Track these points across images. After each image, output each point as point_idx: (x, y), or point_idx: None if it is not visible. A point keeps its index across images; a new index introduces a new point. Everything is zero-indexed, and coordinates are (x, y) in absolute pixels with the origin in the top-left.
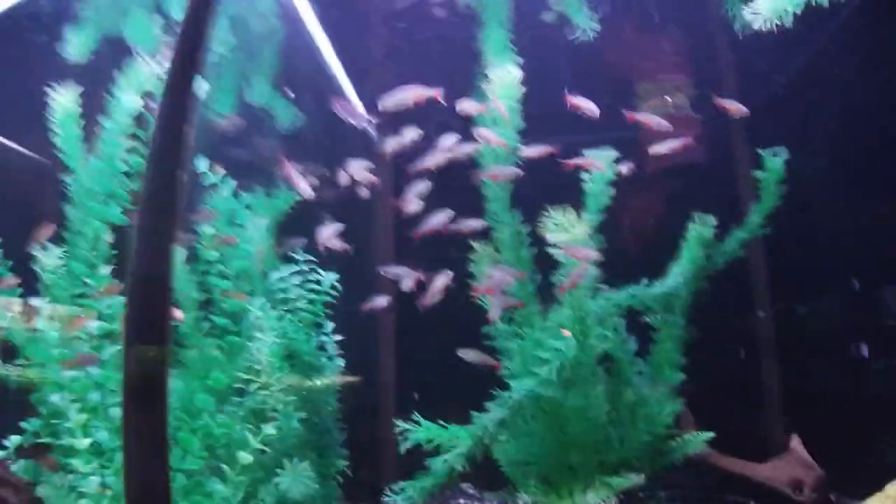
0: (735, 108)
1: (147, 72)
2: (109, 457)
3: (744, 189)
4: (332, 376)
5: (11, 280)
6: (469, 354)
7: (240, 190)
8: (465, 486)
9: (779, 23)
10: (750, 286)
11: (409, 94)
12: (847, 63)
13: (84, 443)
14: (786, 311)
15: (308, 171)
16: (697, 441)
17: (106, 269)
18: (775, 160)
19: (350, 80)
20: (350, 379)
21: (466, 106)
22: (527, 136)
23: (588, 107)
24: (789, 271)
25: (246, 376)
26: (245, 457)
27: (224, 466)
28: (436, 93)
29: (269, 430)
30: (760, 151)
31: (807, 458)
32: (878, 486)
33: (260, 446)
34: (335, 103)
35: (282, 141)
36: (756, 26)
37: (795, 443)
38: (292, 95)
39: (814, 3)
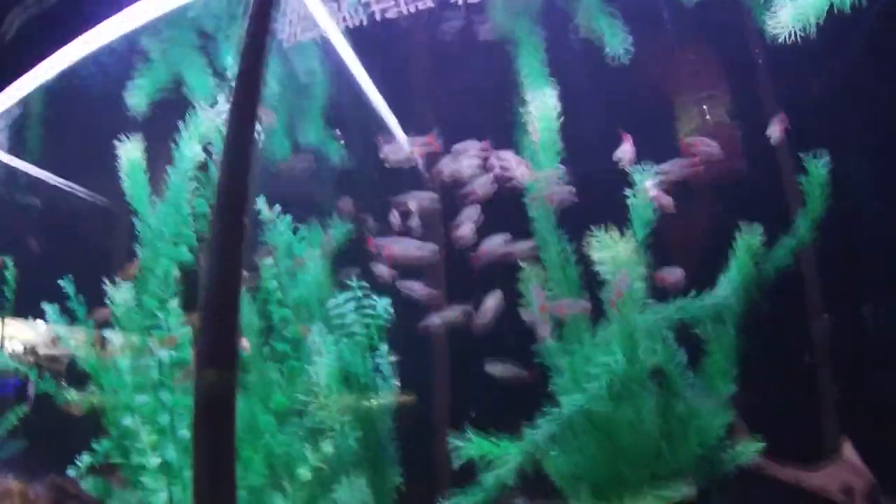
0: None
1: (206, 120)
2: (177, 474)
3: (790, 196)
4: (388, 395)
5: (104, 311)
6: (497, 368)
7: (297, 223)
8: (518, 500)
9: (803, 33)
10: (804, 291)
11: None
12: (887, 65)
13: (154, 461)
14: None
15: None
16: (749, 451)
17: (174, 303)
18: (818, 165)
19: (396, 116)
20: (404, 398)
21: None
22: (568, 159)
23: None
24: (845, 276)
25: (305, 398)
26: (304, 473)
27: (284, 482)
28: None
29: (327, 447)
30: (803, 156)
31: (859, 464)
32: None
33: (318, 463)
34: (381, 144)
35: (337, 178)
36: (780, 37)
37: (847, 448)
38: (339, 135)
39: (835, 10)
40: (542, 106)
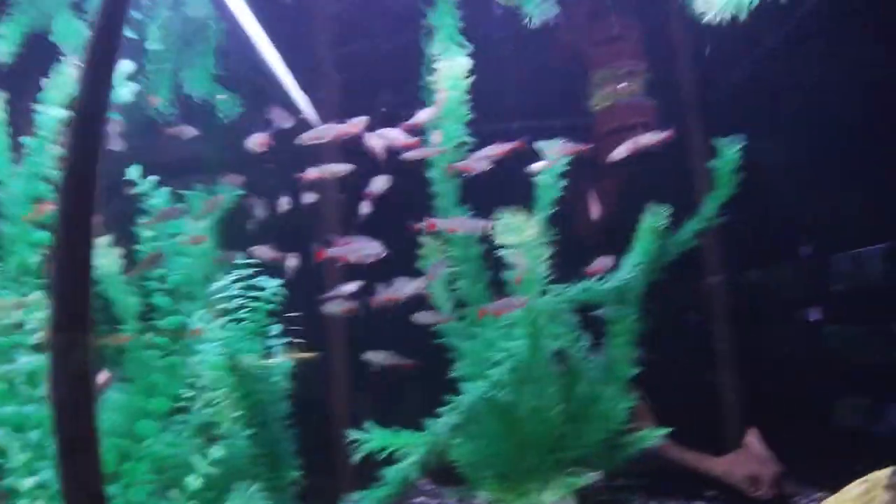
0: None
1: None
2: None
3: (698, 178)
4: (282, 387)
5: None
6: (378, 356)
7: (178, 190)
8: (424, 481)
9: (733, 16)
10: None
11: (330, 132)
12: (807, 53)
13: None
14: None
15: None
16: (653, 435)
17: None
18: (731, 150)
19: (296, 76)
20: (300, 389)
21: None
22: (476, 125)
23: None
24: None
25: (189, 393)
26: (194, 481)
27: (173, 492)
28: (357, 127)
29: (218, 451)
30: (716, 141)
31: (764, 453)
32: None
33: (208, 469)
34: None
35: (224, 136)
36: (707, 18)
37: (752, 437)
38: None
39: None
40: (451, 71)
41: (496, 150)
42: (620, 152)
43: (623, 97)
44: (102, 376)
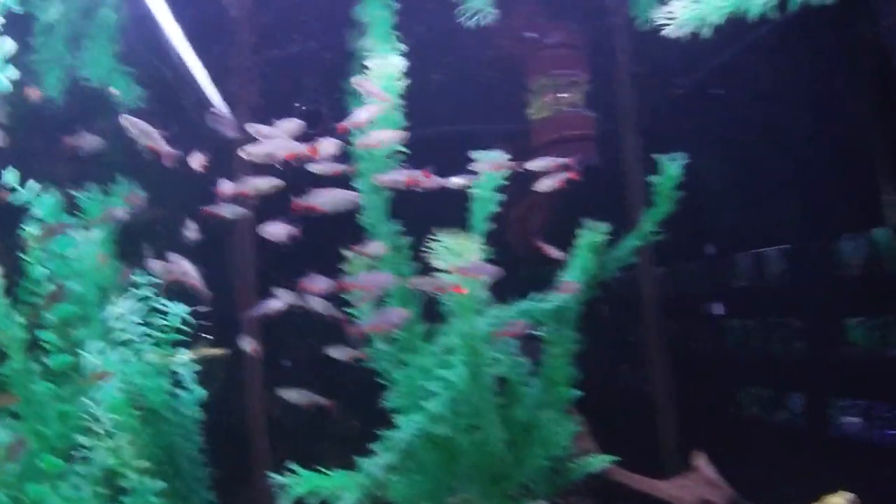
0: None
1: None
2: None
3: (636, 193)
4: (194, 426)
5: None
6: (292, 395)
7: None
8: None
9: (694, 31)
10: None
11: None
12: (752, 70)
13: None
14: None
15: None
16: (598, 461)
17: None
18: (672, 165)
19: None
20: (214, 427)
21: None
22: (409, 129)
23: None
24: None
25: (88, 441)
26: None
27: None
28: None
29: None
30: (657, 157)
31: (714, 477)
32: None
33: None
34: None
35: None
36: (668, 31)
37: (701, 460)
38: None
39: (735, 17)
40: (383, 71)
41: (399, 176)
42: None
43: (563, 107)
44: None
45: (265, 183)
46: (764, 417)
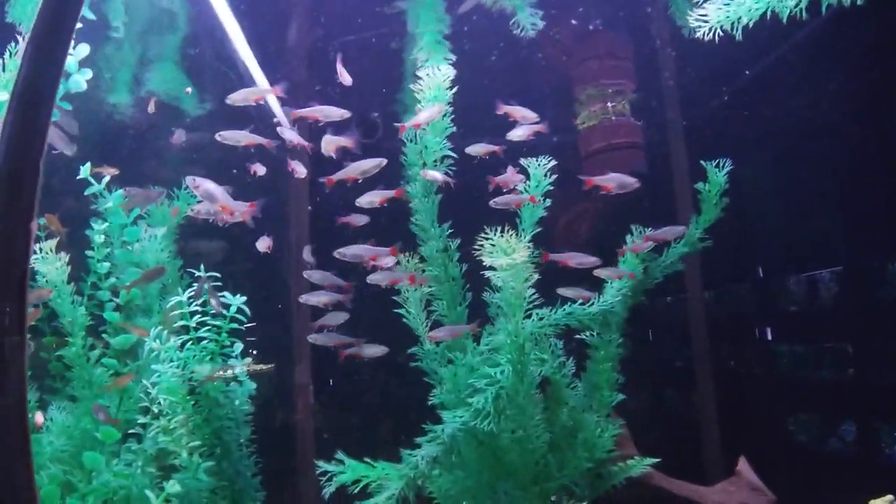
0: None
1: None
2: None
3: (683, 200)
4: (246, 413)
5: None
6: (320, 338)
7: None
8: None
9: (726, 33)
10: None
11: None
12: (797, 75)
13: None
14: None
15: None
16: (640, 465)
17: None
18: (719, 173)
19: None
20: (266, 415)
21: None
22: (458, 140)
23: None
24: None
25: (143, 419)
26: None
27: None
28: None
29: (174, 487)
30: (704, 163)
31: (756, 482)
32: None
33: None
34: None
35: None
36: (701, 34)
37: (743, 465)
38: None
39: (768, 17)
40: (434, 80)
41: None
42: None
43: (610, 116)
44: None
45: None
46: (814, 444)
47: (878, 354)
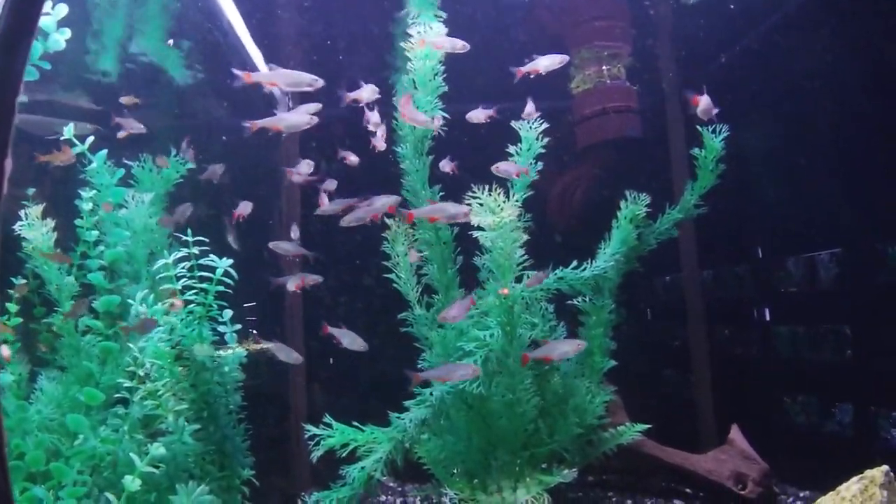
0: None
1: None
2: None
3: (678, 166)
4: (233, 375)
5: None
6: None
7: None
8: (386, 479)
9: None
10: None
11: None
12: (796, 40)
13: None
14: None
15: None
16: (630, 432)
17: None
18: (715, 139)
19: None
20: (252, 378)
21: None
22: (448, 102)
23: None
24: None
25: (129, 383)
26: (132, 483)
27: (109, 495)
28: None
29: (159, 450)
30: (700, 129)
31: (749, 450)
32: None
33: (149, 468)
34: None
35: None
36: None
37: (736, 434)
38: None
39: None
40: (426, 41)
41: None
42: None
43: (605, 80)
44: (5, 350)
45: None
46: (810, 426)
47: (876, 338)
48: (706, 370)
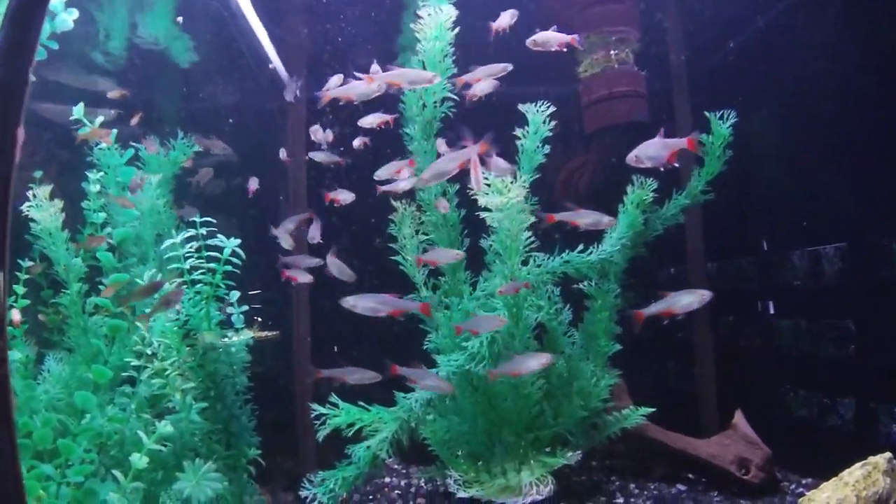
0: None
1: None
2: None
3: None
4: (239, 355)
5: None
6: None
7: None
8: (391, 460)
9: None
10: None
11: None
12: (806, 25)
13: None
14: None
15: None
16: (635, 416)
17: None
18: (723, 124)
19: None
20: (259, 357)
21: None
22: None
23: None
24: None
25: (136, 362)
26: (139, 460)
27: (117, 473)
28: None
29: (166, 428)
30: (708, 115)
31: (752, 435)
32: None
33: (156, 446)
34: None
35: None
36: None
37: (739, 418)
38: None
39: None
40: (436, 20)
41: None
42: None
43: (612, 64)
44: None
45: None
46: (812, 420)
47: (880, 333)
48: (710, 362)
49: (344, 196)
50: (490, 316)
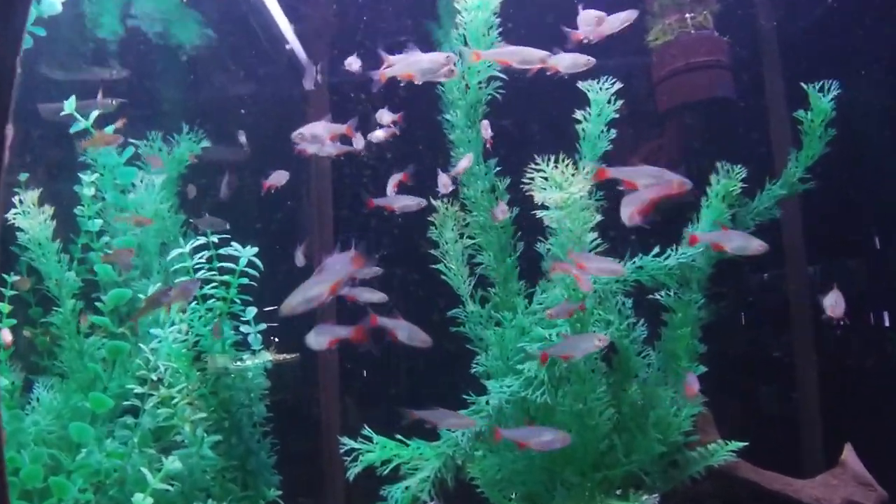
0: None
1: None
2: None
3: (779, 131)
4: (257, 381)
5: None
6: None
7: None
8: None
9: None
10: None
11: None
12: None
13: None
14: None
15: None
16: (723, 452)
17: None
18: (824, 98)
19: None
20: (280, 384)
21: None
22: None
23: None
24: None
25: (140, 389)
26: (142, 501)
27: None
28: None
29: (174, 464)
30: (805, 87)
31: (864, 475)
32: None
33: (162, 485)
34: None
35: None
36: None
37: (849, 455)
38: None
39: None
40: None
41: None
42: None
43: (689, 30)
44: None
45: None
46: None
47: None
48: (813, 386)
49: (404, 203)
50: (586, 335)
